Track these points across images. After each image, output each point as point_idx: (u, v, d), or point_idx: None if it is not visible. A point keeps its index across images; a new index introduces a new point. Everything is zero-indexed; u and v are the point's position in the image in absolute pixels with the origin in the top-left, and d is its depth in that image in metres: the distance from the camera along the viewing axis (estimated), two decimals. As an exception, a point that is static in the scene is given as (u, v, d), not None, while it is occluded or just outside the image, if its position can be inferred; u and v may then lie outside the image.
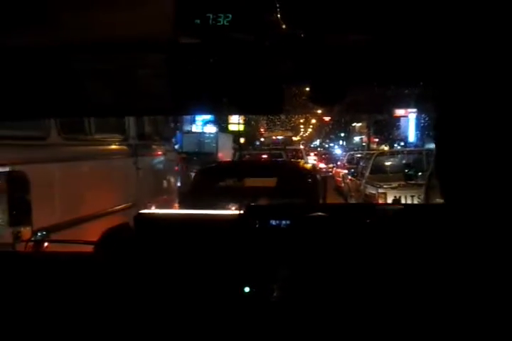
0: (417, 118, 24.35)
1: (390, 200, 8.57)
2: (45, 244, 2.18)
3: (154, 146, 7.57)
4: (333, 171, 19.53)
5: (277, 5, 1.36)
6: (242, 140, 30.45)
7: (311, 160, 26.47)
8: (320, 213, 1.69)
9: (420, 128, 24.39)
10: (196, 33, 1.34)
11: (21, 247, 2.36)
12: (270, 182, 6.17)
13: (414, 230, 1.52)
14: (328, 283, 1.63)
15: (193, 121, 26.54)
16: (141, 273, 1.72)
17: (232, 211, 2.05)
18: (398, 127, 27.14)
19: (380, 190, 9.60)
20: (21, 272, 1.66)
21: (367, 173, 11.25)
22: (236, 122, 29.00)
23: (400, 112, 24.69)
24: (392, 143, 26.37)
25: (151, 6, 1.32)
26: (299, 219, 1.68)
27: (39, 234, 2.35)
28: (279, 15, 1.37)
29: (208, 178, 6.48)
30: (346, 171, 15.73)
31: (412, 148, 16.05)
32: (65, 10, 1.23)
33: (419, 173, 8.61)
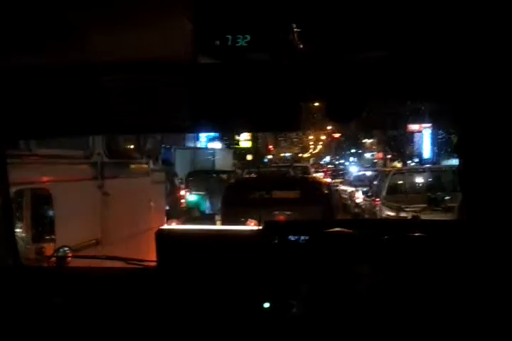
0: (432, 134, 24.34)
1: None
2: (68, 259, 2.27)
3: (133, 165, 6.06)
4: (339, 189, 19.01)
5: (294, 25, 1.47)
6: (249, 157, 30.48)
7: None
8: (339, 229, 1.77)
9: (436, 143, 24.35)
10: (215, 53, 1.45)
11: (44, 262, 2.41)
12: (292, 194, 7.39)
13: (435, 246, 1.58)
14: (347, 299, 1.69)
15: (197, 138, 25.98)
16: (162, 289, 1.79)
17: (251, 227, 2.12)
18: (412, 143, 27.15)
19: (402, 214, 8.75)
20: (46, 287, 1.75)
21: (383, 193, 10.43)
22: (243, 139, 28.93)
23: (413, 127, 24.72)
24: (406, 159, 26.31)
25: (171, 28, 1.43)
26: (317, 235, 1.75)
27: (61, 250, 2.43)
28: (295, 35, 1.47)
29: (239, 190, 7.58)
30: (354, 189, 15.69)
31: (431, 166, 15.14)
32: (88, 32, 1.34)
33: (446, 197, 7.99)
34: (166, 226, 2.19)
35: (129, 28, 1.35)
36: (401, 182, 10.78)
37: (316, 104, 1.93)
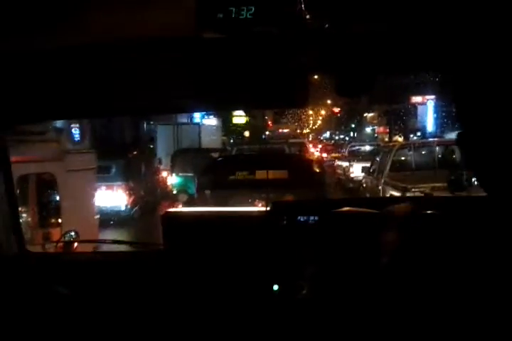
0: (436, 106, 24.20)
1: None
2: (75, 244, 2.28)
3: (25, 144, 4.18)
4: (335, 164, 18.61)
5: (301, -5, 1.42)
6: (247, 133, 30.32)
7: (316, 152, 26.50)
8: (348, 208, 1.76)
9: (440, 116, 24.22)
10: (219, 27, 1.41)
11: (51, 248, 2.42)
12: (279, 174, 6.63)
13: (451, 225, 1.57)
14: (356, 280, 1.69)
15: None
16: (170, 271, 1.80)
17: (259, 208, 2.12)
18: (415, 116, 27.01)
19: (408, 194, 7.75)
20: (52, 274, 1.75)
21: (386, 171, 9.44)
22: (239, 114, 28.58)
23: (416, 99, 24.57)
24: (408, 133, 26.21)
25: (172, 2, 1.39)
26: (326, 215, 1.75)
27: (67, 234, 2.44)
28: (302, 6, 1.43)
29: (217, 171, 6.89)
30: (348, 164, 15.72)
31: (440, 139, 13.46)
32: (87, 9, 1.30)
33: (472, 179, 6.26)
34: (172, 209, 2.18)
35: (128, 3, 1.31)
36: (407, 158, 9.89)
37: (315, 76, 1.89)
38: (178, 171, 13.75)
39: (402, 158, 9.91)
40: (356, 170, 14.55)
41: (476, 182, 7.10)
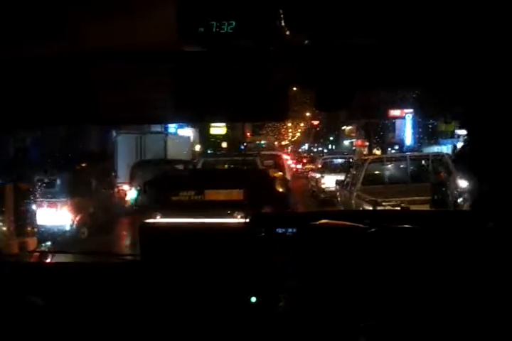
0: (414, 120, 24.64)
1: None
2: (49, 254, 2.26)
3: None
4: (309, 175, 19.73)
5: (281, 11, 1.48)
6: (224, 144, 30.30)
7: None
8: (326, 220, 1.81)
9: (418, 130, 24.65)
10: (200, 40, 1.45)
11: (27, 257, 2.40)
12: (233, 194, 5.36)
13: (429, 239, 1.62)
14: (335, 292, 1.73)
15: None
16: (147, 282, 1.81)
17: (238, 219, 2.15)
18: (393, 129, 27.42)
19: (379, 208, 7.61)
20: (27, 284, 1.75)
21: (358, 184, 9.58)
22: (218, 125, 28.44)
23: (395, 113, 24.99)
24: (386, 146, 26.56)
25: (154, 16, 1.43)
26: (305, 227, 1.79)
27: (43, 244, 2.42)
28: (282, 22, 1.48)
29: (158, 192, 5.41)
30: (320, 175, 16.36)
31: (412, 153, 14.09)
32: (70, 20, 1.34)
33: (460, 199, 6.70)
34: (150, 220, 2.19)
35: (112, 16, 1.35)
36: (379, 171, 10.12)
37: (295, 89, 1.94)
38: (138, 185, 12.19)
39: (375, 172, 10.10)
40: (328, 182, 14.89)
41: (460, 202, 6.87)
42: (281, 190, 5.78)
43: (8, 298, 1.59)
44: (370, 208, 8.02)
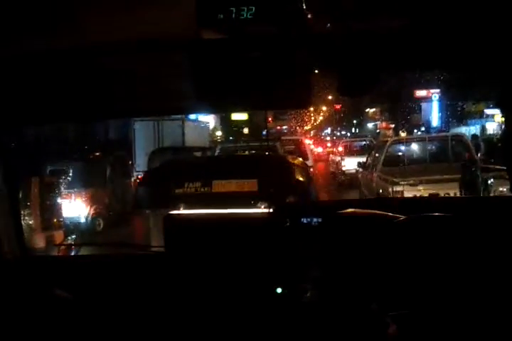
0: (440, 100, 24.16)
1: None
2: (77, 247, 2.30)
3: None
4: (329, 158, 20.62)
5: (302, -6, 1.44)
6: (246, 130, 30.19)
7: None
8: (352, 209, 1.78)
9: (445, 110, 24.23)
10: (220, 27, 1.43)
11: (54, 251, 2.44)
12: (245, 185, 4.51)
13: (460, 227, 1.58)
14: (361, 283, 1.71)
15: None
16: (173, 274, 1.82)
17: (262, 209, 2.13)
18: (418, 111, 26.97)
19: (396, 188, 8.03)
20: (54, 278, 1.78)
21: (379, 165, 9.95)
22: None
23: (421, 93, 24.52)
24: (412, 128, 26.18)
25: (171, 3, 1.41)
26: (330, 217, 1.77)
27: (69, 237, 2.46)
28: (303, 5, 1.45)
29: (158, 184, 4.81)
30: (339, 158, 17.17)
31: (432, 134, 14.94)
32: (88, 11, 1.33)
33: (491, 180, 6.77)
34: (174, 211, 2.19)
35: (128, 5, 1.33)
36: (400, 152, 10.44)
37: (317, 73, 1.91)
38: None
39: (395, 154, 10.42)
40: (347, 164, 15.62)
41: (492, 184, 6.89)
42: (301, 179, 4.95)
43: (36, 292, 1.61)
44: (390, 188, 8.16)
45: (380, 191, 8.99)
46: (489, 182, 7.20)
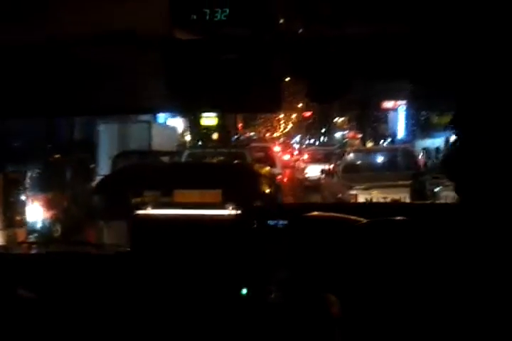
0: (407, 112, 24.65)
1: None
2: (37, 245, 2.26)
3: None
4: (295, 165, 22.44)
5: (275, -1, 1.47)
6: (215, 135, 30.13)
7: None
8: (317, 213, 1.81)
9: (411, 122, 24.71)
10: (193, 28, 1.44)
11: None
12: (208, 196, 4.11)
13: (419, 231, 1.62)
14: (325, 285, 1.74)
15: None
16: (138, 273, 1.81)
17: (230, 211, 2.14)
18: (386, 121, 27.44)
19: (352, 192, 9.39)
20: (15, 275, 1.74)
21: (339, 172, 11.59)
22: (209, 116, 28.15)
23: (387, 105, 25.01)
24: (379, 139, 26.59)
25: (145, 2, 1.42)
26: (296, 220, 1.80)
27: (31, 236, 2.41)
28: (276, 9, 1.48)
29: (116, 189, 4.37)
30: (304, 165, 19.23)
31: (387, 146, 16.93)
32: (59, 6, 1.32)
33: (437, 188, 7.75)
34: (141, 211, 2.17)
35: (100, 2, 1.33)
36: (357, 161, 12.15)
37: (287, 78, 1.94)
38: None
39: (354, 162, 12.13)
40: (311, 171, 17.61)
41: (439, 192, 7.72)
42: (267, 191, 4.73)
43: None
44: (350, 192, 9.38)
45: (339, 195, 10.36)
46: (436, 190, 8.25)
